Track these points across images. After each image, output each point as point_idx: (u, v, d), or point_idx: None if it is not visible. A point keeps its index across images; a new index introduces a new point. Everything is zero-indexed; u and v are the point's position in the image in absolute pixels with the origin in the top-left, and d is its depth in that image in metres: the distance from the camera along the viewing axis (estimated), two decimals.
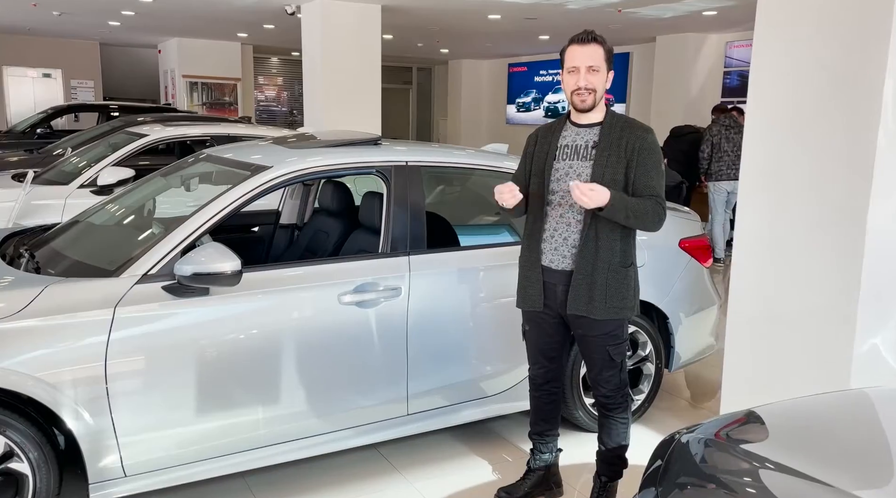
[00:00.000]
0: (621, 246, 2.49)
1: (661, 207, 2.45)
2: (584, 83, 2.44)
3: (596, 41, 2.46)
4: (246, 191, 2.71)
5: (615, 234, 2.46)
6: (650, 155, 2.46)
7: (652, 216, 2.43)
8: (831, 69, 2.73)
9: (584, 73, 2.44)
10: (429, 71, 18.41)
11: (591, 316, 2.46)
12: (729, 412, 1.89)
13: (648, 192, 2.44)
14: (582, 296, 2.46)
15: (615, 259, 2.47)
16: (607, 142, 2.46)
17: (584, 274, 2.46)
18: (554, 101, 13.88)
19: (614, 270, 2.47)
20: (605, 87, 2.49)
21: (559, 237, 2.53)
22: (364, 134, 3.38)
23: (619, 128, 2.48)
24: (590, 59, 2.43)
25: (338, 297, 2.76)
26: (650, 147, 2.46)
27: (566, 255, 2.52)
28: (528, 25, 9.75)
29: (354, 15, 8.22)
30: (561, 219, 2.53)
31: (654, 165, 2.46)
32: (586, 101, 2.47)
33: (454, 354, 3.03)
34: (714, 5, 7.72)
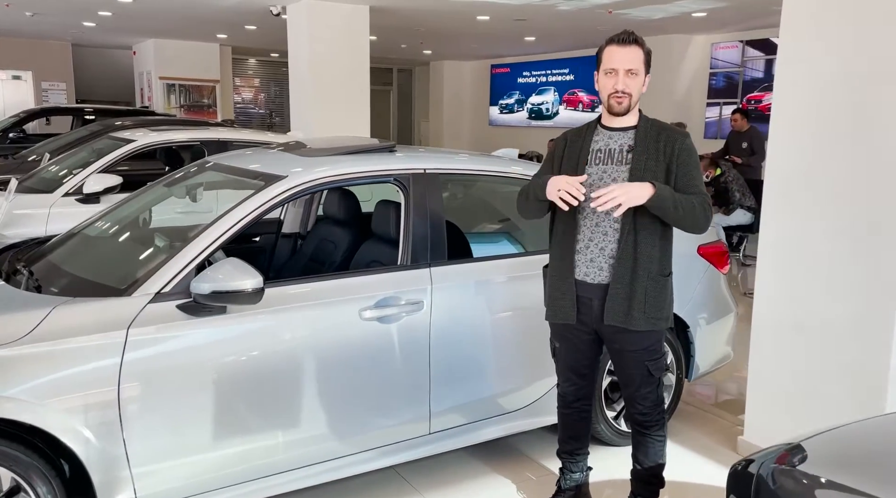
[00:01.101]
0: (660, 254, 2.40)
1: (708, 206, 2.37)
2: (623, 87, 2.35)
3: (636, 43, 2.36)
4: (262, 202, 2.56)
5: (654, 240, 2.38)
6: (690, 157, 2.39)
7: (700, 213, 2.34)
8: (860, 76, 2.67)
9: (622, 76, 2.35)
10: (409, 72, 18.28)
11: (630, 327, 2.37)
12: (790, 439, 1.81)
13: (693, 190, 2.36)
14: (620, 307, 2.37)
15: (654, 268, 2.38)
16: (643, 145, 2.38)
17: (623, 284, 2.36)
18: (537, 103, 13.84)
19: (654, 280, 2.38)
20: (641, 90, 2.40)
21: (595, 248, 2.43)
22: (359, 138, 3.26)
23: (656, 131, 2.40)
24: (629, 62, 2.35)
25: (359, 312, 2.63)
26: (689, 149, 2.40)
27: (603, 266, 2.41)
28: (515, 27, 9.68)
29: (342, 16, 8.07)
30: (597, 228, 2.42)
31: (695, 166, 2.40)
32: (622, 104, 2.38)
33: (477, 369, 2.92)
34: (704, 6, 7.72)
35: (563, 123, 13.19)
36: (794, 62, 2.94)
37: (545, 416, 3.09)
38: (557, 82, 13.32)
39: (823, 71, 2.82)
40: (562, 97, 13.21)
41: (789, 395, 3.03)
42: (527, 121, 14.14)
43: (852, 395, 2.78)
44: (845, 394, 2.80)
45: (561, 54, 13.13)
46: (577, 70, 12.86)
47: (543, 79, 13.65)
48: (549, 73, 13.51)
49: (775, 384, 3.09)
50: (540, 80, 13.75)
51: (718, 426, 3.60)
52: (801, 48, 2.90)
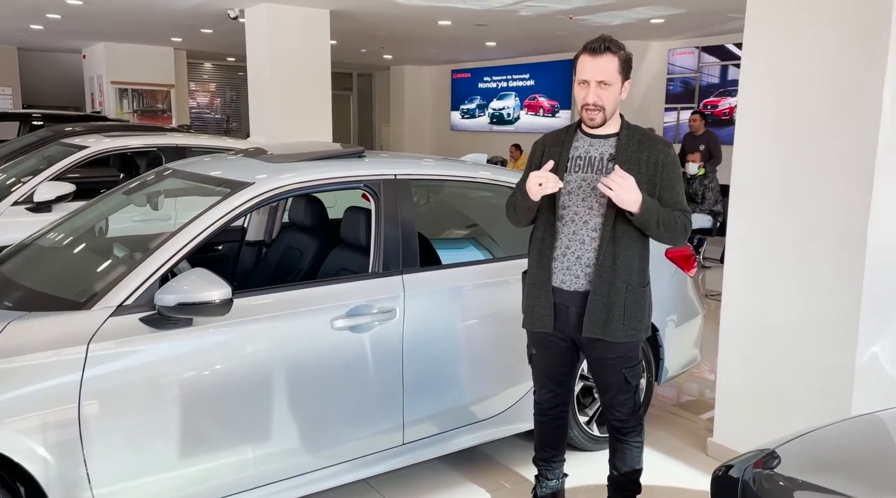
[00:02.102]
0: (639, 264, 2.37)
1: (688, 221, 2.36)
2: (593, 99, 2.27)
3: (610, 51, 2.26)
4: (228, 210, 2.48)
5: (633, 251, 2.35)
6: (674, 169, 2.37)
7: (681, 228, 2.33)
8: (827, 76, 2.72)
9: (593, 87, 2.27)
10: (369, 77, 18.18)
11: (609, 339, 2.35)
12: (770, 443, 1.81)
13: (676, 207, 2.34)
14: (598, 318, 2.34)
15: (633, 278, 2.35)
16: (625, 154, 2.32)
17: (601, 295, 2.33)
18: (499, 108, 13.90)
19: (633, 290, 2.35)
20: (618, 100, 2.33)
21: (572, 256, 2.39)
22: (323, 143, 3.19)
23: (638, 141, 2.35)
24: (601, 72, 2.26)
25: (330, 322, 2.56)
26: (674, 162, 2.38)
27: (579, 274, 2.38)
28: (477, 32, 9.70)
29: (302, 20, 7.97)
30: (574, 236, 2.38)
31: (678, 179, 2.38)
32: (595, 120, 2.33)
33: (451, 377, 2.88)
34: (662, 13, 7.85)
35: (524, 128, 13.27)
36: (758, 66, 2.98)
37: (519, 423, 3.07)
38: (518, 87, 13.40)
39: (787, 75, 2.87)
40: (523, 102, 13.29)
41: (758, 396, 3.07)
42: (488, 126, 14.18)
43: (819, 394, 2.83)
44: (813, 393, 2.85)
45: (521, 60, 13.22)
46: (537, 75, 12.96)
47: (504, 84, 13.72)
48: (509, 78, 13.58)
49: (744, 386, 3.13)
50: (501, 86, 13.81)
51: (687, 428, 3.64)
52: (765, 52, 2.95)
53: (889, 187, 2.64)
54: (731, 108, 9.57)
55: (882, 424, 1.91)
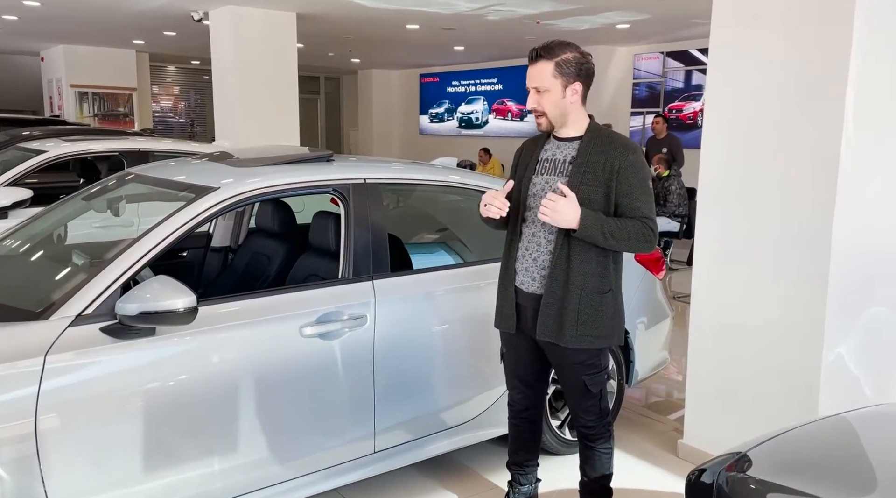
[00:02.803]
0: (597, 269, 2.31)
1: (648, 228, 2.25)
2: (532, 105, 2.34)
3: (542, 57, 2.28)
4: (192, 215, 2.41)
5: (589, 256, 2.29)
6: (634, 174, 2.27)
7: (637, 237, 2.24)
8: (792, 80, 2.76)
9: (532, 94, 2.32)
10: (337, 80, 18.06)
11: (561, 344, 2.33)
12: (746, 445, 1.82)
13: (633, 213, 2.26)
14: (552, 322, 2.32)
15: (589, 284, 2.30)
16: (584, 158, 2.31)
17: (555, 299, 2.31)
18: (467, 112, 13.92)
19: (587, 296, 2.30)
20: (563, 104, 2.30)
21: (529, 257, 2.40)
22: (290, 147, 3.15)
23: (600, 144, 2.32)
24: (534, 78, 2.30)
25: (299, 329, 2.51)
26: (633, 165, 2.27)
27: (535, 277, 2.38)
28: (445, 36, 9.70)
29: (268, 22, 7.87)
30: (532, 238, 2.39)
31: (639, 185, 2.28)
32: (541, 125, 2.37)
33: (423, 383, 2.85)
34: (628, 18, 7.94)
35: (492, 132, 13.31)
36: (723, 71, 3.02)
37: (492, 428, 3.05)
38: (486, 92, 13.44)
39: (751, 79, 2.91)
40: (491, 106, 13.33)
41: (727, 397, 3.10)
42: (457, 130, 14.19)
43: (787, 395, 2.86)
44: (781, 394, 2.88)
45: (489, 64, 13.27)
46: (505, 80, 13.01)
47: (472, 88, 13.75)
48: (477, 82, 13.62)
49: (713, 387, 3.15)
50: (469, 90, 13.83)
51: (657, 430, 3.65)
52: (730, 57, 2.98)
53: (852, 189, 2.69)
54: (695, 112, 9.72)
55: (849, 425, 1.94)
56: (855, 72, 2.58)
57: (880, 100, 2.70)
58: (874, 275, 2.85)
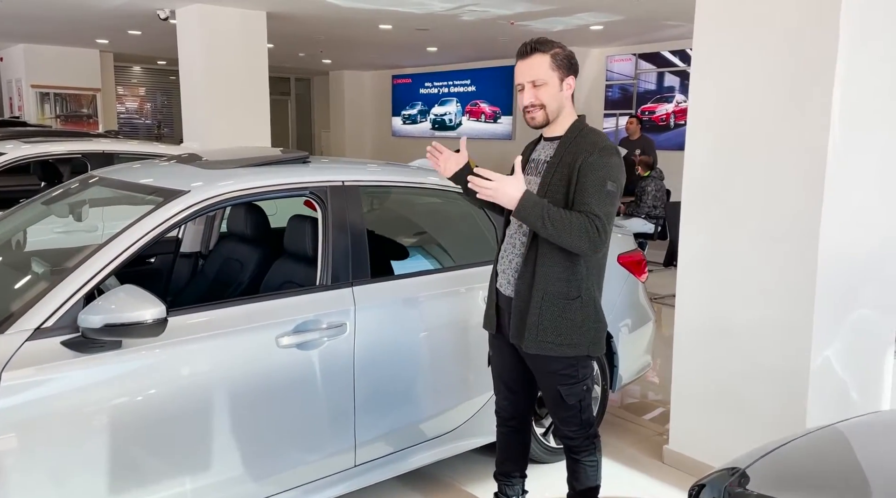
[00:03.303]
0: (563, 274, 2.19)
1: (593, 225, 2.08)
2: (530, 100, 2.23)
3: (538, 50, 2.22)
4: (161, 221, 2.29)
5: (555, 259, 2.19)
6: (593, 173, 2.13)
7: (579, 231, 2.07)
8: (779, 80, 2.72)
9: (528, 89, 2.23)
10: (308, 81, 17.85)
11: (522, 348, 2.28)
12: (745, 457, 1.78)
13: (581, 208, 2.12)
14: (517, 326, 2.27)
15: (552, 288, 2.20)
16: (558, 158, 2.25)
17: (522, 301, 2.26)
18: (441, 114, 13.83)
19: (549, 301, 2.20)
20: (560, 97, 2.24)
21: (506, 259, 2.37)
22: (261, 148, 3.03)
23: (575, 144, 2.24)
24: (532, 72, 2.22)
25: (275, 339, 2.40)
26: (594, 165, 2.14)
27: (510, 279, 2.34)
28: (418, 37, 9.60)
29: (237, 22, 7.69)
30: (510, 240, 2.35)
31: (593, 183, 2.13)
32: (536, 119, 2.26)
33: (406, 393, 2.75)
34: (601, 20, 7.93)
35: (466, 134, 13.21)
36: (708, 72, 2.97)
37: (476, 437, 2.96)
38: (460, 93, 13.36)
39: (737, 81, 2.86)
40: (464, 108, 13.27)
41: (713, 402, 3.05)
42: (430, 131, 14.09)
43: (775, 399, 2.82)
44: (768, 398, 2.84)
45: (462, 65, 13.20)
46: (478, 81, 12.95)
47: (445, 90, 13.66)
48: (451, 84, 13.54)
49: (699, 391, 3.10)
50: (442, 92, 13.75)
51: (642, 435, 3.60)
52: (715, 59, 2.94)
53: (839, 189, 2.66)
54: (667, 113, 9.77)
55: (843, 437, 1.92)
56: (841, 72, 2.55)
57: (866, 100, 2.68)
58: (860, 275, 2.83)
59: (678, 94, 9.65)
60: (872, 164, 2.77)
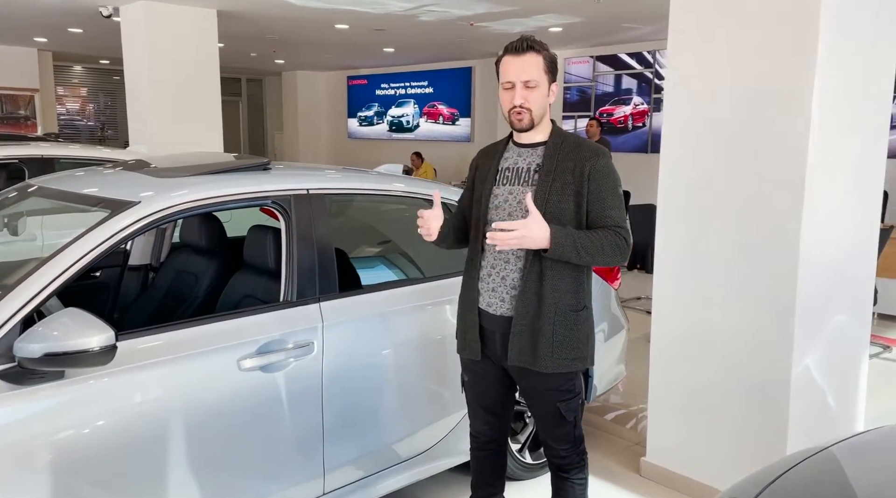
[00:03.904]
0: (572, 286, 2.13)
1: (622, 239, 2.07)
2: (520, 101, 2.09)
3: (533, 50, 2.09)
4: (108, 235, 2.08)
5: (563, 272, 2.10)
6: (605, 180, 2.10)
7: (611, 250, 2.06)
8: (756, 87, 2.67)
9: (519, 89, 2.08)
10: (259, 82, 17.43)
11: (537, 369, 2.13)
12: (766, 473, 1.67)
13: (605, 222, 2.08)
14: (524, 346, 2.12)
15: (564, 302, 2.11)
16: (552, 164, 2.12)
17: (527, 320, 2.11)
18: (398, 116, 13.65)
19: (562, 316, 2.11)
20: (547, 102, 2.15)
21: (497, 276, 2.18)
22: (215, 154, 2.84)
23: (567, 149, 2.14)
24: (526, 72, 2.08)
25: (237, 362, 2.21)
26: (603, 170, 2.10)
27: (504, 297, 2.16)
28: (375, 37, 9.42)
29: (186, 20, 7.38)
30: (499, 255, 2.17)
31: (610, 191, 2.11)
32: (523, 121, 2.12)
33: (377, 414, 2.59)
34: (561, 21, 7.89)
35: (424, 136, 13.11)
36: (684, 76, 2.90)
37: (451, 457, 2.83)
38: (417, 95, 13.21)
39: (714, 85, 2.80)
40: (422, 110, 13.12)
41: (692, 412, 2.98)
42: (387, 133, 13.91)
43: (756, 408, 2.76)
44: (749, 408, 2.78)
45: (419, 67, 13.06)
46: (436, 83, 12.83)
47: (402, 91, 13.49)
48: (407, 85, 13.38)
49: (677, 402, 3.03)
50: (399, 93, 13.58)
51: (618, 447, 3.52)
52: (691, 62, 2.86)
53: (818, 195, 2.61)
54: (625, 116, 9.82)
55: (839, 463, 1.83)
56: (821, 80, 2.50)
57: (840, 102, 2.64)
58: (837, 281, 2.79)
59: (636, 96, 9.70)
60: (846, 166, 2.74)
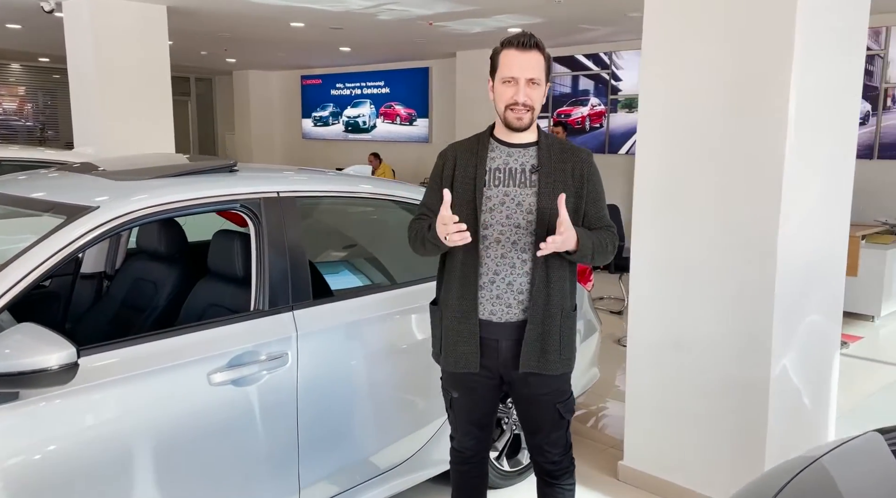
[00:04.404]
0: (570, 287, 2.15)
1: (616, 238, 2.15)
2: (524, 99, 2.01)
3: (538, 48, 2.02)
4: (66, 242, 1.93)
5: (565, 273, 2.11)
6: (598, 181, 2.16)
7: (610, 250, 2.12)
8: (732, 86, 2.65)
9: (523, 86, 2.00)
10: (209, 81, 16.97)
11: (545, 372, 2.08)
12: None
13: (601, 223, 2.14)
14: (535, 350, 2.07)
15: (567, 304, 2.12)
16: (549, 165, 2.06)
17: (536, 324, 2.06)
18: (354, 116, 13.46)
19: (566, 316, 2.11)
20: (541, 102, 2.08)
21: (502, 283, 2.08)
22: (169, 155, 2.68)
23: (559, 150, 2.10)
24: (531, 69, 2.00)
25: (207, 376, 2.08)
26: (596, 172, 2.16)
27: (511, 303, 2.08)
28: (331, 36, 9.24)
29: (134, 16, 7.09)
30: (503, 260, 2.07)
31: (602, 193, 2.17)
32: (523, 120, 2.04)
33: (354, 426, 2.48)
34: (520, 22, 7.88)
35: (381, 137, 12.95)
36: (658, 75, 2.87)
37: (429, 467, 2.74)
38: (373, 95, 13.04)
39: (689, 85, 2.78)
40: (378, 110, 12.97)
41: (669, 416, 2.96)
42: (343, 134, 13.69)
43: (735, 410, 2.75)
44: (728, 410, 2.77)
45: (375, 67, 12.89)
46: (392, 83, 12.69)
47: (358, 91, 13.30)
48: (363, 85, 13.20)
49: (654, 406, 3.01)
50: (355, 93, 13.38)
51: (594, 450, 3.48)
52: (665, 61, 2.84)
53: (793, 195, 2.61)
54: (583, 117, 9.88)
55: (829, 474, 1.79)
56: (797, 78, 2.50)
57: (816, 106, 2.65)
58: (811, 281, 2.81)
59: (593, 97, 9.77)
60: (819, 166, 2.75)
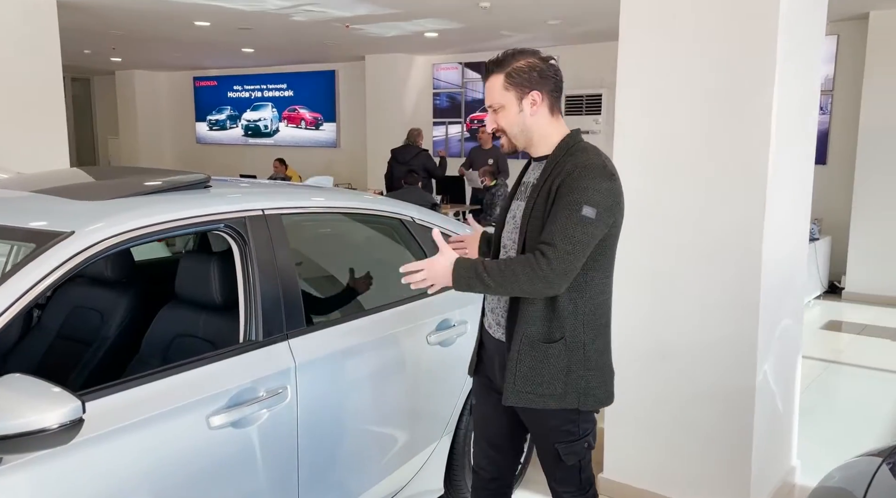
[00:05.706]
0: (543, 313, 1.91)
1: (535, 259, 1.81)
2: (491, 126, 2.02)
3: (491, 72, 1.97)
4: (42, 274, 1.65)
5: (537, 299, 1.93)
6: (568, 195, 1.85)
7: (524, 275, 1.81)
8: (714, 93, 2.69)
9: (490, 113, 2.02)
10: (87, 81, 15.71)
11: (506, 402, 1.97)
12: None
13: (540, 240, 1.86)
14: (501, 373, 2.03)
15: (532, 330, 1.92)
16: (542, 180, 1.97)
17: (511, 349, 1.97)
18: (254, 120, 12.89)
19: (530, 345, 1.92)
20: (521, 120, 1.96)
21: (495, 297, 2.06)
22: (72, 171, 2.38)
23: (561, 163, 1.96)
24: (489, 96, 1.99)
25: (206, 419, 1.85)
26: (568, 186, 1.86)
27: (500, 320, 2.04)
28: (236, 36, 8.78)
29: (19, 11, 6.39)
30: None
31: (564, 208, 1.84)
32: (503, 146, 2.06)
33: (356, 458, 2.31)
34: (439, 27, 7.82)
35: (285, 141, 12.48)
36: (636, 83, 2.89)
37: (425, 495, 2.61)
38: (275, 98, 12.54)
39: (672, 90, 2.79)
40: (281, 114, 12.49)
41: (651, 427, 2.97)
42: (243, 138, 13.08)
43: (720, 419, 2.78)
44: (712, 419, 2.80)
45: (277, 69, 12.41)
46: (296, 86, 12.26)
47: (258, 94, 12.75)
48: (264, 88, 12.66)
49: (636, 417, 3.00)
50: (255, 96, 12.82)
51: None
52: (643, 69, 2.86)
53: (774, 201, 2.68)
54: None
55: None
56: (780, 85, 2.57)
57: (791, 113, 2.73)
58: (785, 287, 2.91)
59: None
60: (791, 173, 2.85)
